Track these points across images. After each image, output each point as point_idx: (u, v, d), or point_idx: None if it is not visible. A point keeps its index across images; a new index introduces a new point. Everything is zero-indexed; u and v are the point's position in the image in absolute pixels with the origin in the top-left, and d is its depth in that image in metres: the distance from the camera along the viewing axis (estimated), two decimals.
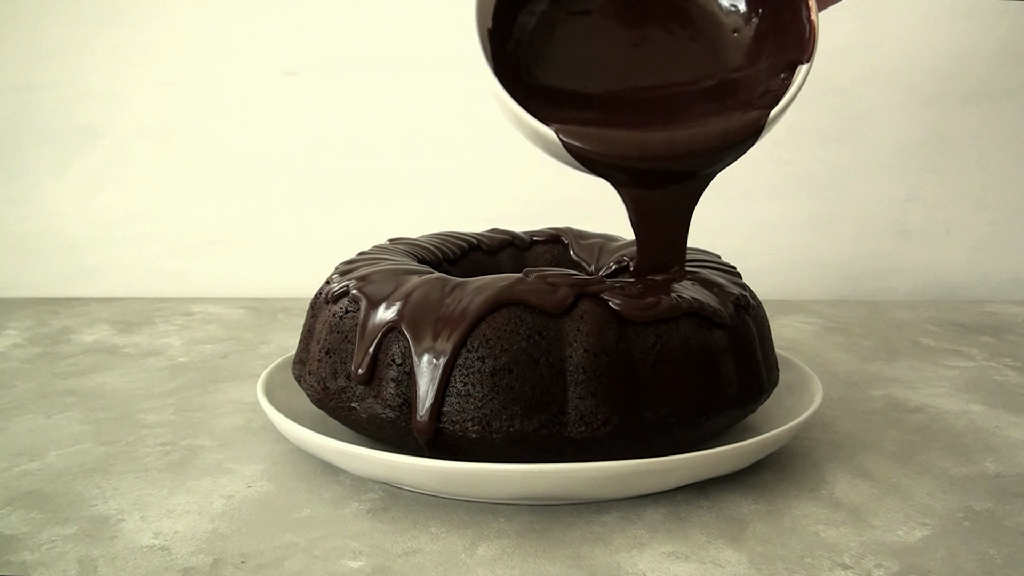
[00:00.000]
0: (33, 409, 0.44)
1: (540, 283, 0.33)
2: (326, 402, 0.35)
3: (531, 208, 0.73)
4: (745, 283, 0.39)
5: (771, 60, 0.39)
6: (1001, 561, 0.29)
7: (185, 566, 0.28)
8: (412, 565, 0.28)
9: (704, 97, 0.39)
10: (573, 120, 0.36)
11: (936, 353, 0.57)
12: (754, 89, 0.38)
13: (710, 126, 0.37)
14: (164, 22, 0.72)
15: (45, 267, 0.74)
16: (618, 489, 0.32)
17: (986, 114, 0.76)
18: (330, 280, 0.38)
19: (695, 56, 0.40)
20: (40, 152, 0.73)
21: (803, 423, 0.35)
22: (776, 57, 0.38)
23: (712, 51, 0.40)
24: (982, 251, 0.78)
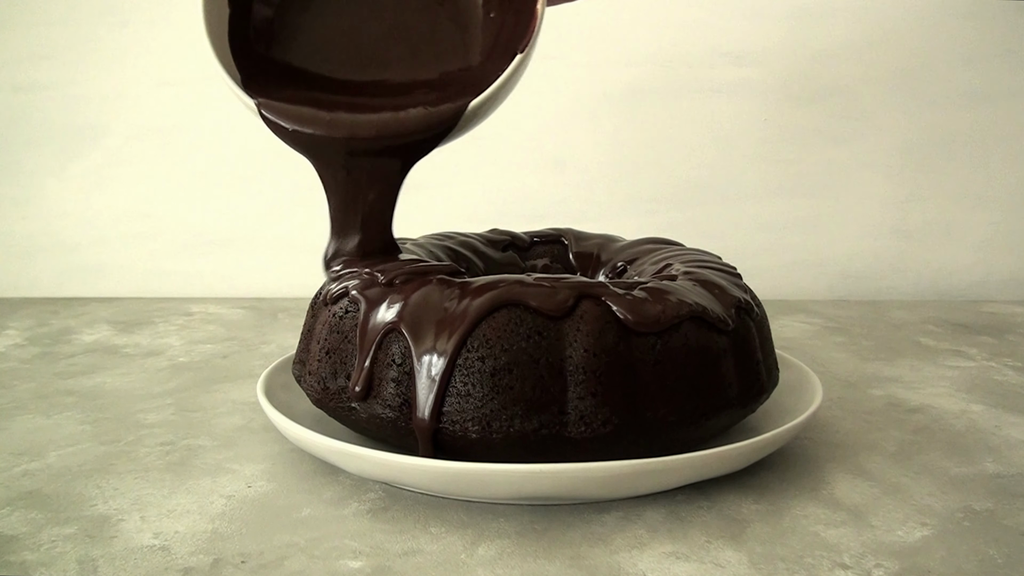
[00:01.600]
0: (33, 409, 0.44)
1: (541, 285, 0.33)
2: (326, 402, 0.35)
3: (531, 208, 0.73)
4: (746, 284, 0.39)
5: (501, 47, 0.40)
6: (1001, 561, 0.29)
7: (185, 566, 0.28)
8: (412, 565, 0.28)
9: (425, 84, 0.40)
10: (287, 97, 0.38)
11: (936, 353, 0.57)
12: (473, 74, 0.39)
13: (406, 113, 0.38)
14: (164, 22, 0.72)
15: (45, 267, 0.74)
16: (618, 489, 0.32)
17: (986, 114, 0.76)
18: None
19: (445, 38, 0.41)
20: (40, 152, 0.73)
21: (803, 423, 0.35)
22: (505, 44, 0.39)
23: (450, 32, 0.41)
24: (982, 251, 0.78)
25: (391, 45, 0.41)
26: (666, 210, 0.75)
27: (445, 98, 0.38)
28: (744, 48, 0.74)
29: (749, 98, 0.74)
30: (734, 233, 0.75)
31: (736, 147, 0.75)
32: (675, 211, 0.75)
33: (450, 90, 0.39)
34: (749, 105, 0.74)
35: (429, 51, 0.41)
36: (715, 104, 0.74)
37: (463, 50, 0.41)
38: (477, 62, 0.40)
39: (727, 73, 0.74)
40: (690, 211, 0.75)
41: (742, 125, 0.75)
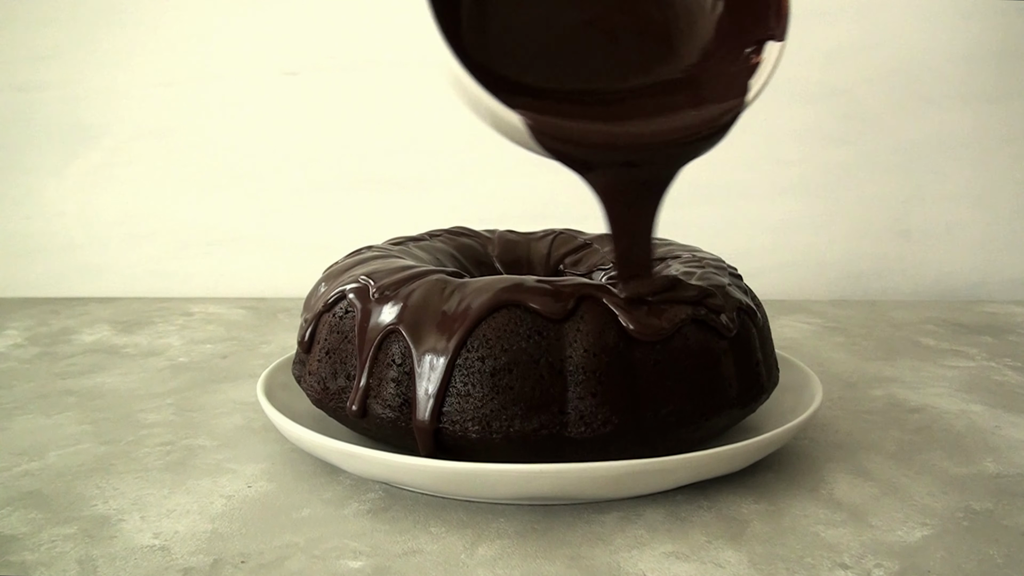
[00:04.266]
0: (33, 409, 0.44)
1: (541, 286, 0.33)
2: (326, 402, 0.35)
3: (531, 208, 0.73)
4: (746, 285, 0.39)
5: (740, 36, 0.36)
6: (1001, 561, 0.29)
7: (185, 566, 0.28)
8: (412, 565, 0.28)
9: (673, 88, 0.36)
10: (536, 108, 0.33)
11: (936, 353, 0.57)
12: (723, 72, 0.36)
13: (680, 120, 0.35)
14: (164, 22, 0.72)
15: (45, 267, 0.74)
16: (618, 489, 0.32)
17: (986, 114, 0.76)
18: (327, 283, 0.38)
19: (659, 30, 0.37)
20: (40, 152, 0.73)
21: (803, 423, 0.35)
22: (745, 33, 0.36)
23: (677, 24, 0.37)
24: (982, 251, 0.78)
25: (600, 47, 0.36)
26: (666, 210, 0.75)
27: (710, 100, 0.35)
28: None
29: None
30: (734, 233, 0.75)
31: (736, 147, 0.75)
32: (675, 211, 0.74)
33: (705, 88, 0.35)
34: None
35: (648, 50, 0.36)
36: None
37: (693, 41, 0.36)
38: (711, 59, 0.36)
39: None
40: (690, 211, 0.75)
41: (742, 125, 0.74)
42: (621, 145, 0.34)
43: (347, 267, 0.38)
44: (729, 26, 0.36)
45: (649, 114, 0.35)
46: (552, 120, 0.33)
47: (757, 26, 0.35)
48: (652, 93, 0.36)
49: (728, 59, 0.36)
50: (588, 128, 0.34)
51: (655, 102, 0.35)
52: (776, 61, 0.35)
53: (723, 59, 0.36)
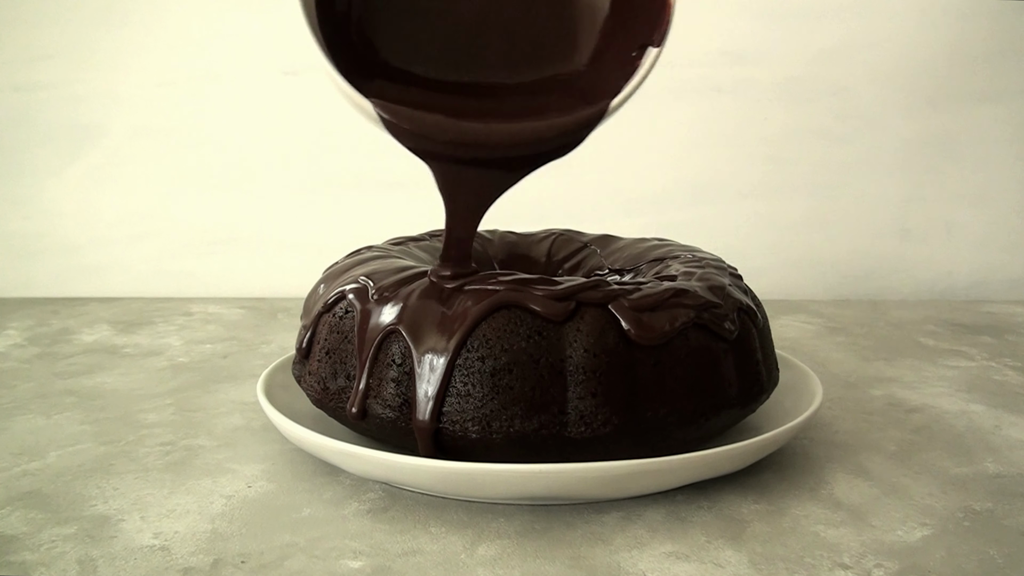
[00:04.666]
0: (33, 409, 0.44)
1: (542, 287, 0.33)
2: (326, 402, 0.35)
3: (531, 208, 0.73)
4: (746, 285, 0.39)
5: (626, 40, 0.36)
6: (1001, 561, 0.29)
7: (185, 566, 0.28)
8: (412, 565, 0.28)
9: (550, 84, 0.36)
10: (398, 97, 0.34)
11: (936, 353, 0.57)
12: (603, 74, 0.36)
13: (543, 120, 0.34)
14: (164, 22, 0.72)
15: (45, 267, 0.74)
16: (618, 489, 0.32)
17: (986, 114, 0.76)
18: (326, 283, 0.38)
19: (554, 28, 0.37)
20: (40, 152, 0.73)
21: (803, 423, 0.35)
22: (631, 37, 0.36)
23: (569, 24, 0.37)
24: (982, 251, 0.78)
25: (491, 39, 0.37)
26: (666, 210, 0.75)
27: (575, 103, 0.35)
28: (744, 48, 0.74)
29: (749, 98, 0.74)
30: (734, 233, 0.75)
31: (736, 147, 0.75)
32: (675, 211, 0.75)
33: (575, 92, 0.35)
34: (749, 105, 0.74)
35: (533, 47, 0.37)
36: (715, 104, 0.74)
37: (573, 46, 0.37)
38: (591, 60, 0.36)
39: (727, 73, 0.74)
40: (690, 211, 0.75)
41: (742, 125, 0.75)
42: (468, 143, 0.34)
43: (347, 267, 0.38)
44: (615, 28, 0.36)
45: (515, 114, 0.35)
46: (402, 110, 0.33)
47: (641, 31, 0.35)
48: (529, 91, 0.36)
49: (613, 62, 0.36)
50: (434, 121, 0.34)
51: (525, 100, 0.36)
52: (650, 66, 0.35)
53: (609, 61, 0.36)
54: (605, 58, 0.36)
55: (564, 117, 0.34)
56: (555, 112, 0.35)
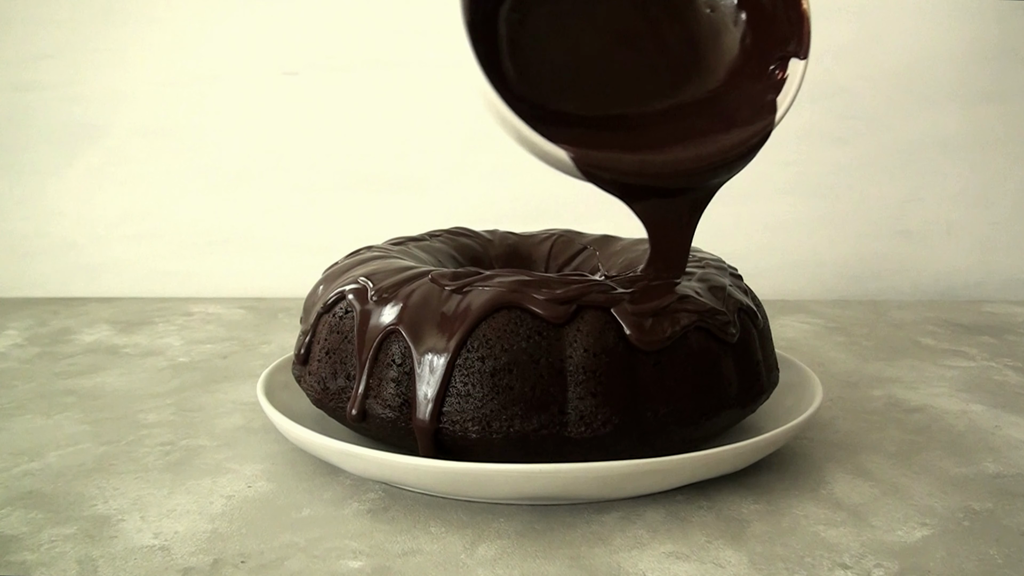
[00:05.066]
0: (33, 409, 0.44)
1: (543, 289, 0.33)
2: (326, 402, 0.35)
3: (531, 208, 0.73)
4: (747, 285, 0.39)
5: (763, 55, 0.36)
6: (1001, 561, 0.29)
7: (185, 566, 0.28)
8: (412, 565, 0.28)
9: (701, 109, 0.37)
10: (577, 141, 0.34)
11: (936, 353, 0.57)
12: (750, 93, 0.36)
13: (713, 144, 0.35)
14: (164, 22, 0.72)
15: (45, 267, 0.74)
16: (618, 489, 0.32)
17: (986, 114, 0.76)
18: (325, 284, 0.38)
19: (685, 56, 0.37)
20: (40, 152, 0.73)
21: (803, 423, 0.35)
22: (768, 52, 0.36)
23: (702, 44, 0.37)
24: (982, 251, 0.78)
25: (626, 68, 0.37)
26: None
27: (740, 120, 0.35)
28: None
29: None
30: (734, 233, 0.75)
31: None
32: None
33: (733, 111, 0.36)
34: None
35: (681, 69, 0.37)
36: None
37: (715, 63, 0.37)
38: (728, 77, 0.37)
39: None
40: None
41: None
42: (662, 175, 0.35)
43: (346, 268, 0.38)
44: (752, 45, 0.37)
45: (683, 139, 0.35)
46: (594, 153, 0.34)
47: (779, 44, 0.36)
48: (683, 116, 0.36)
49: (752, 77, 0.36)
50: (629, 159, 0.35)
51: (686, 126, 0.36)
52: (801, 78, 0.35)
53: (748, 77, 0.36)
54: (744, 75, 0.37)
55: (736, 132, 0.35)
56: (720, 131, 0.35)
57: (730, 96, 0.37)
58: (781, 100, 0.35)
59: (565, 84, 0.37)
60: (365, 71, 0.73)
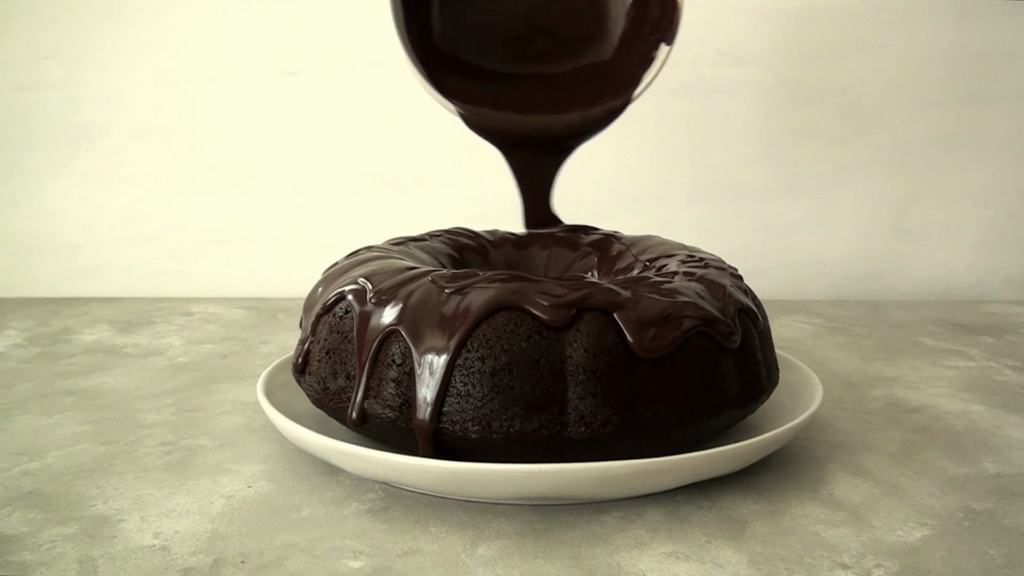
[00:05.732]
0: (33, 409, 0.44)
1: (545, 293, 0.33)
2: (326, 402, 0.35)
3: None
4: (747, 285, 0.39)
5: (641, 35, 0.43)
6: (1001, 561, 0.29)
7: (185, 566, 0.28)
8: (412, 565, 0.28)
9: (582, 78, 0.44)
10: (471, 98, 0.43)
11: (936, 353, 0.57)
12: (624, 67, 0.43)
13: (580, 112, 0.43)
14: (164, 22, 0.72)
15: (45, 267, 0.74)
16: (618, 489, 0.32)
17: (986, 114, 0.76)
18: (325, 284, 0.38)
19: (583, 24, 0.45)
20: (40, 152, 0.73)
21: (803, 423, 0.35)
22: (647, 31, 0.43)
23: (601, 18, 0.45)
24: (982, 251, 0.78)
25: (537, 36, 0.46)
26: (666, 210, 0.75)
27: (610, 92, 0.43)
28: (744, 48, 0.74)
29: (749, 98, 0.74)
30: (734, 233, 0.75)
31: (736, 147, 0.75)
32: (675, 211, 0.75)
33: (608, 82, 0.44)
34: (749, 105, 0.74)
35: (573, 40, 0.45)
36: (715, 104, 0.74)
37: (602, 39, 0.45)
38: (615, 53, 0.45)
39: (727, 73, 0.74)
40: (690, 211, 0.75)
41: (742, 125, 0.75)
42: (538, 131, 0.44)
43: (346, 268, 0.38)
44: (636, 22, 0.44)
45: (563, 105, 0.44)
46: (481, 111, 0.43)
47: (655, 27, 0.43)
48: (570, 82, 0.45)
49: (629, 52, 0.44)
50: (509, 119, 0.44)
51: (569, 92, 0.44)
52: (664, 60, 0.42)
53: (628, 49, 0.44)
54: (629, 49, 0.44)
55: (600, 106, 0.43)
56: (590, 100, 0.43)
57: (611, 66, 0.44)
58: (645, 76, 0.43)
59: (485, 42, 0.45)
60: (365, 71, 0.73)
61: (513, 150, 0.44)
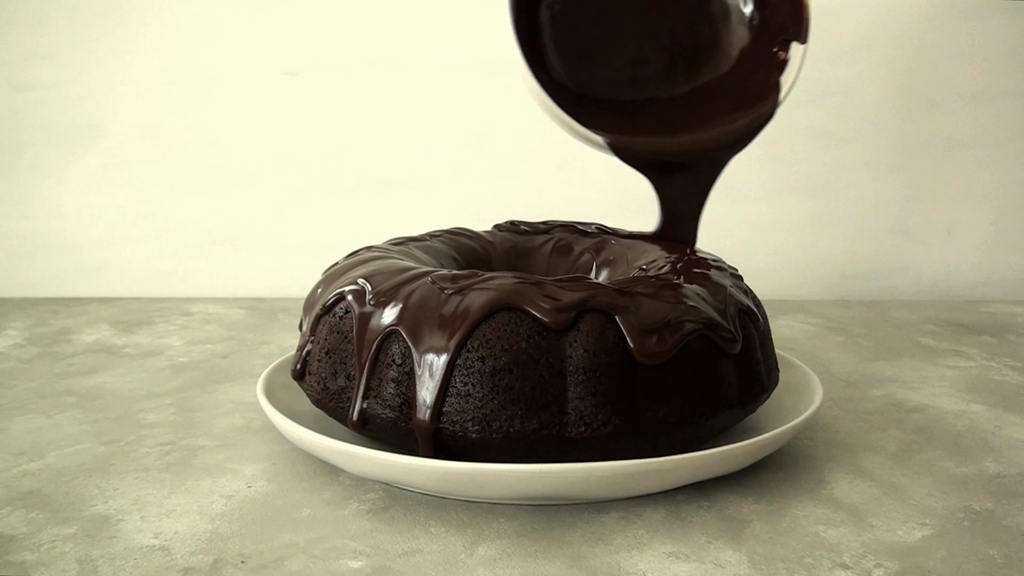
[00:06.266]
0: (33, 409, 0.44)
1: (546, 297, 0.33)
2: (326, 402, 0.35)
3: (531, 208, 0.73)
4: (747, 286, 0.39)
5: (767, 40, 0.41)
6: (1001, 561, 0.29)
7: (185, 566, 0.28)
8: (412, 565, 0.28)
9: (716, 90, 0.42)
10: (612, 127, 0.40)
11: (936, 353, 0.57)
12: (756, 74, 0.41)
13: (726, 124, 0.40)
14: (164, 22, 0.72)
15: (45, 267, 0.74)
16: (618, 489, 0.32)
17: (986, 114, 0.76)
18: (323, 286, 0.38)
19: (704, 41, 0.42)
20: (40, 152, 0.73)
21: (803, 423, 0.35)
22: (770, 36, 0.41)
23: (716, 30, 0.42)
24: (982, 251, 0.78)
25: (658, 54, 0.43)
26: None
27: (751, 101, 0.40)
28: None
29: None
30: (734, 233, 0.75)
31: None
32: None
33: (746, 91, 0.41)
34: None
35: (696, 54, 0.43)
36: None
37: (726, 48, 0.42)
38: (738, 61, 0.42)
39: None
40: None
41: None
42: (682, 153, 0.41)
43: (346, 268, 0.38)
44: (758, 28, 0.42)
45: (701, 122, 0.41)
46: (623, 138, 0.40)
47: (780, 29, 0.41)
48: (701, 99, 0.42)
49: (757, 59, 0.41)
50: (657, 143, 0.41)
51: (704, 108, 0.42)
52: (801, 61, 0.40)
53: (753, 59, 0.42)
54: (752, 59, 0.42)
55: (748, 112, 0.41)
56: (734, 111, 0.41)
57: (738, 77, 0.42)
58: (784, 80, 0.40)
59: (602, 70, 0.42)
60: (365, 71, 0.73)
61: (666, 176, 0.42)
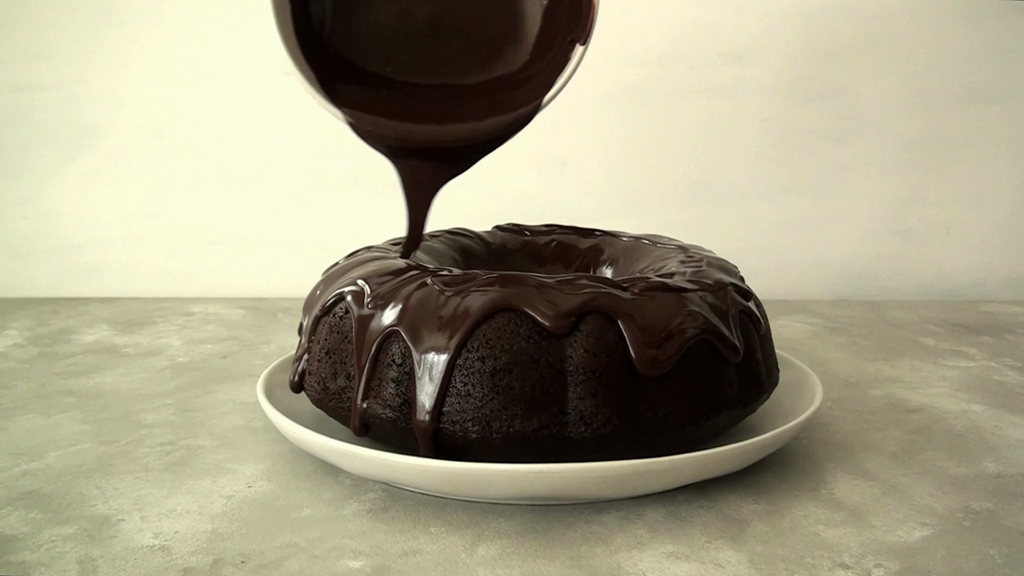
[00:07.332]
0: (33, 409, 0.44)
1: (544, 295, 0.32)
2: (326, 402, 0.35)
3: (531, 208, 0.73)
4: (747, 286, 0.39)
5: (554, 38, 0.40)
6: (1001, 561, 0.29)
7: (185, 566, 0.28)
8: (412, 565, 0.28)
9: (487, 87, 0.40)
10: (362, 105, 0.40)
11: (936, 353, 0.57)
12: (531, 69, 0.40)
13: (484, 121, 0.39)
14: (164, 22, 0.72)
15: (45, 267, 0.74)
16: (618, 489, 0.32)
17: (986, 114, 0.76)
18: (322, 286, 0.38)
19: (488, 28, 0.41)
20: (40, 152, 0.73)
21: (803, 423, 0.35)
22: (560, 34, 0.39)
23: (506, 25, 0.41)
24: (982, 251, 0.78)
25: (445, 40, 0.41)
26: (666, 210, 0.75)
27: (517, 99, 0.39)
28: (744, 48, 0.74)
29: (749, 98, 0.74)
30: (734, 233, 0.75)
31: (736, 147, 0.75)
32: (675, 211, 0.75)
33: (516, 89, 0.40)
34: (749, 105, 0.74)
35: (484, 45, 0.41)
36: (715, 104, 0.74)
37: (516, 44, 0.41)
38: (531, 57, 0.41)
39: (727, 73, 0.74)
40: (690, 211, 0.75)
41: (742, 125, 0.75)
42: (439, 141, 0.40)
43: (346, 269, 0.38)
44: (549, 27, 0.40)
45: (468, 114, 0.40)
46: (371, 118, 0.39)
47: (568, 28, 0.39)
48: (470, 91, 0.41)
49: (541, 57, 0.40)
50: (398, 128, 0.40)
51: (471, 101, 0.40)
52: (577, 62, 0.38)
53: (539, 57, 0.40)
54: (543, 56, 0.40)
55: (503, 116, 0.39)
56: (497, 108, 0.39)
57: (520, 73, 0.41)
58: (558, 80, 0.38)
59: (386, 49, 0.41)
60: None
61: (402, 160, 0.41)
